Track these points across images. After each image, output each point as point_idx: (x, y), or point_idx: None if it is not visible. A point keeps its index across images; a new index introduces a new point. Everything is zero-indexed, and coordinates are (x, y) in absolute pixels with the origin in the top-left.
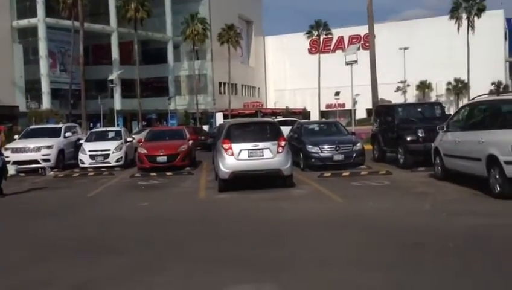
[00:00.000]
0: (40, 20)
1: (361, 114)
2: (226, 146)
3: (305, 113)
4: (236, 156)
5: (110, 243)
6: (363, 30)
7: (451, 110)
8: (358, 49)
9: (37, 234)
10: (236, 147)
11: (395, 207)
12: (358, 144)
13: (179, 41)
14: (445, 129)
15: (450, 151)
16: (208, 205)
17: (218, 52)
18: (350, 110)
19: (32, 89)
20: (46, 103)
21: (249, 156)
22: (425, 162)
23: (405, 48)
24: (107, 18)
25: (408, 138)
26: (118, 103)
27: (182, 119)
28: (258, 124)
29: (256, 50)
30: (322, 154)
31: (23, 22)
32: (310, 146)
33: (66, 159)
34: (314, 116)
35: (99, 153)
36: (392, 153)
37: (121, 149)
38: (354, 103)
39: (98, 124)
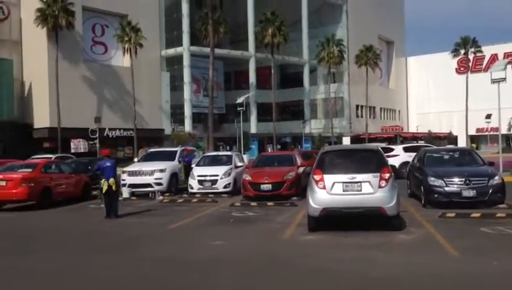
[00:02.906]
0: (185, 48)
1: None
2: (316, 177)
3: (450, 138)
4: (329, 190)
5: None
6: None
7: None
8: (509, 64)
9: (66, 272)
10: (329, 178)
11: None
12: (496, 178)
13: (315, 65)
14: None
15: None
16: (287, 249)
17: (356, 74)
18: (506, 134)
19: (177, 113)
20: (187, 126)
21: (343, 190)
22: None
23: None
24: (246, 44)
25: None
26: (253, 127)
27: (317, 143)
28: (356, 152)
29: (397, 71)
30: (447, 189)
31: (171, 51)
32: (432, 178)
33: (180, 183)
34: (462, 142)
35: (208, 178)
36: None
37: (229, 175)
38: (510, 127)
39: (234, 147)
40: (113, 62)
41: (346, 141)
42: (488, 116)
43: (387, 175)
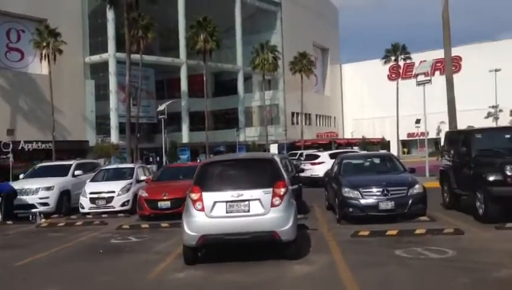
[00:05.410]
0: (110, 55)
1: None
2: (194, 196)
3: (383, 143)
4: (209, 212)
5: None
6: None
7: None
8: (431, 67)
9: None
10: (208, 197)
11: None
12: (417, 186)
13: (250, 72)
14: None
15: None
16: None
17: (291, 81)
18: (435, 139)
19: (104, 124)
20: (114, 137)
21: (227, 212)
22: None
23: (496, 70)
24: (178, 52)
25: (490, 178)
26: (185, 136)
27: (251, 151)
28: (245, 163)
29: (332, 78)
30: (362, 201)
31: (95, 58)
32: (346, 189)
33: (74, 202)
34: (394, 146)
35: (102, 195)
36: (467, 196)
37: (128, 191)
38: (439, 131)
39: (158, 158)
40: (30, 69)
41: (273, 148)
42: (417, 121)
43: (282, 190)
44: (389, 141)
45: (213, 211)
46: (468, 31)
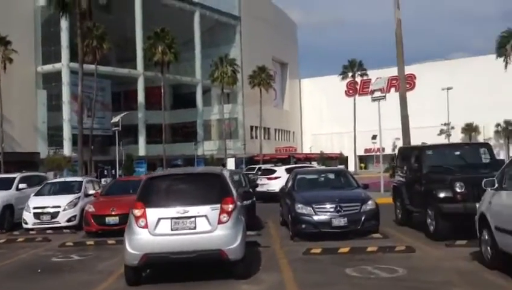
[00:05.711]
0: (63, 64)
1: None
2: (137, 212)
3: (341, 159)
4: (152, 229)
5: None
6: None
7: (502, 156)
8: (386, 83)
9: None
10: (152, 213)
11: None
12: (370, 202)
13: (209, 85)
14: (497, 185)
15: (506, 222)
16: None
17: (250, 95)
18: (391, 154)
19: (56, 135)
20: (67, 149)
21: (172, 229)
22: (468, 230)
23: (448, 89)
24: (136, 63)
25: (440, 195)
26: (142, 149)
27: (210, 164)
28: (192, 177)
29: (291, 93)
30: (315, 218)
31: (48, 67)
32: (299, 205)
33: (17, 217)
34: (351, 162)
35: (47, 210)
36: (419, 213)
37: (75, 205)
38: (394, 147)
39: (113, 171)
40: None
41: (230, 163)
42: (374, 137)
43: (230, 207)
44: (347, 157)
45: (157, 229)
46: (422, 50)
